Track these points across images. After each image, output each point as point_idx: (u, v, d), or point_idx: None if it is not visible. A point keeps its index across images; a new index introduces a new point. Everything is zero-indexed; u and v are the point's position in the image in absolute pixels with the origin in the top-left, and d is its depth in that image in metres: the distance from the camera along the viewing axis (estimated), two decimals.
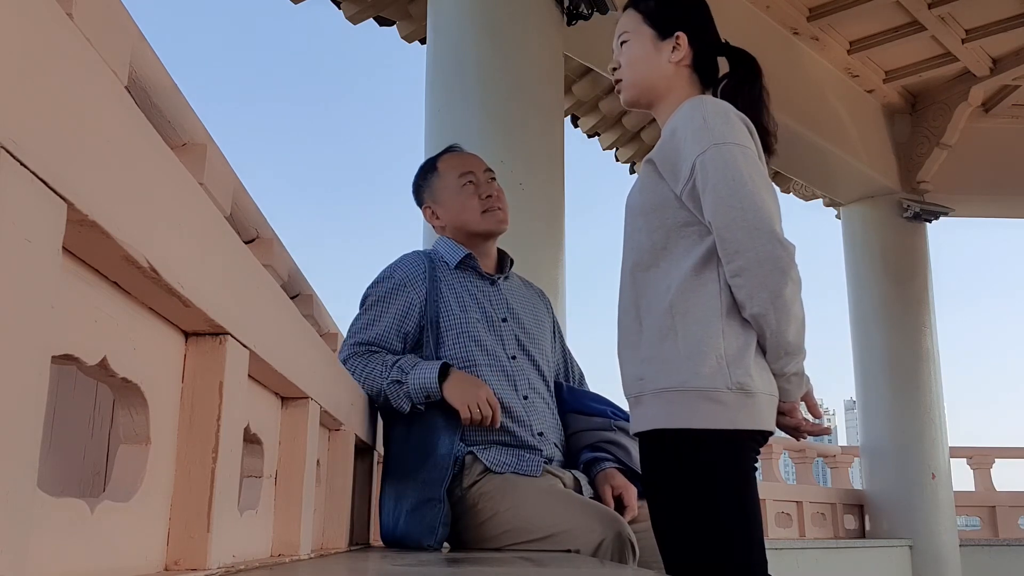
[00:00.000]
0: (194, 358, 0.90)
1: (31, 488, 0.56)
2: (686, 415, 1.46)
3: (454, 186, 2.13)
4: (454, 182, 2.13)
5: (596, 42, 4.84)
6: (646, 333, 1.54)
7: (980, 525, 7.71)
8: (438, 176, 2.16)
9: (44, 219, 0.55)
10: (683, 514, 1.49)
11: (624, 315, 1.60)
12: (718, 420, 1.45)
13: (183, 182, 0.78)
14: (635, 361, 1.56)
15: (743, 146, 1.51)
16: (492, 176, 2.16)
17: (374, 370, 1.93)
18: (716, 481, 1.47)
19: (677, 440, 1.48)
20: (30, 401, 0.55)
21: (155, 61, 1.15)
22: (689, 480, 1.48)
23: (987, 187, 7.39)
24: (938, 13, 5.94)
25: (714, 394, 1.45)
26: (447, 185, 2.14)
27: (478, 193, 2.11)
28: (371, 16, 5.59)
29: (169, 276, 0.73)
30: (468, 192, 2.11)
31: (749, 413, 1.46)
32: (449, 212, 2.13)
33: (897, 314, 7.00)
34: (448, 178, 2.15)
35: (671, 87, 1.68)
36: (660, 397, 1.49)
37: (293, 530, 1.28)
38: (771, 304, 1.45)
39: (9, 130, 0.50)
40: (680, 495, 1.49)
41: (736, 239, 1.45)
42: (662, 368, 1.50)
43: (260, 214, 2.03)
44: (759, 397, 1.47)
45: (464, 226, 2.12)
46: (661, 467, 1.52)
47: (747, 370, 1.47)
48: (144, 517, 0.81)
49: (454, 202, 2.12)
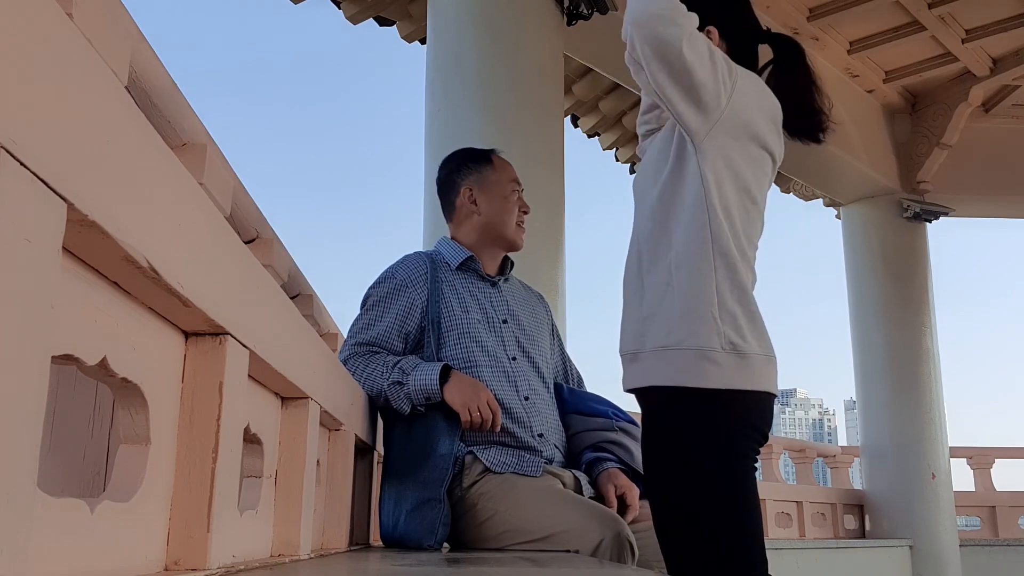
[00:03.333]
0: (194, 358, 0.90)
1: (31, 488, 0.56)
2: (685, 373, 1.50)
3: (506, 187, 2.16)
4: (507, 184, 2.16)
5: (596, 42, 4.85)
6: (647, 291, 1.59)
7: (980, 525, 7.71)
8: (493, 170, 2.17)
9: (44, 219, 0.55)
10: (679, 468, 1.53)
11: (629, 275, 1.66)
12: (715, 380, 1.49)
13: (183, 182, 0.78)
14: (636, 320, 1.61)
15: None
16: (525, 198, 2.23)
17: (375, 371, 1.94)
18: (711, 438, 1.51)
19: (676, 396, 1.51)
20: (30, 401, 0.55)
21: (155, 61, 1.15)
22: (685, 435, 1.52)
23: (987, 187, 7.38)
24: (938, 13, 5.94)
25: (711, 354, 1.49)
26: (500, 182, 2.16)
27: (520, 205, 2.16)
28: (371, 16, 5.59)
29: (169, 276, 0.73)
30: (513, 200, 2.16)
31: (744, 374, 1.50)
32: (492, 208, 2.13)
33: (897, 314, 7.00)
34: (503, 176, 2.17)
35: None
36: (659, 355, 1.54)
37: (293, 530, 1.28)
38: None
39: (9, 130, 0.50)
40: (676, 449, 1.54)
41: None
42: (662, 326, 1.54)
43: (260, 214, 2.03)
44: (752, 358, 1.51)
45: (499, 227, 2.13)
46: (660, 422, 1.57)
47: (740, 330, 1.52)
48: (144, 517, 0.81)
49: (501, 202, 2.14)
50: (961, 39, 6.24)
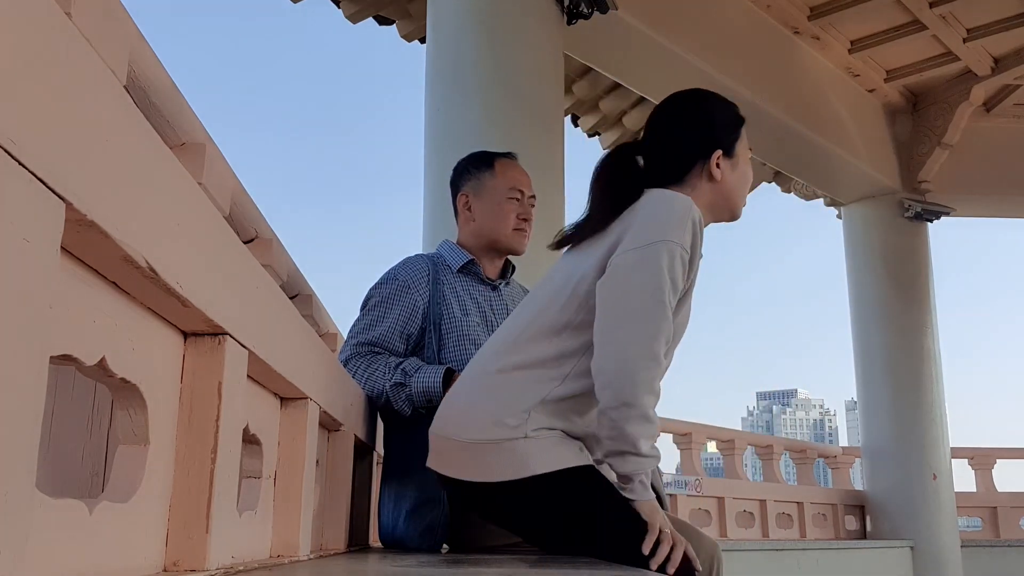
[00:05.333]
0: (193, 358, 0.90)
1: (30, 489, 0.55)
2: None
3: (502, 194, 2.13)
4: (503, 190, 2.14)
5: (596, 42, 4.85)
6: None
7: (981, 526, 7.70)
8: (492, 175, 2.16)
9: (43, 219, 0.55)
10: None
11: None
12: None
13: (182, 182, 0.78)
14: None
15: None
16: (533, 203, 2.18)
17: (376, 371, 1.93)
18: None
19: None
20: (29, 401, 0.54)
21: (154, 61, 1.15)
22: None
23: (988, 187, 7.38)
24: (939, 12, 5.94)
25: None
26: (496, 188, 2.14)
27: (518, 211, 2.13)
28: (371, 15, 5.59)
29: (168, 276, 0.73)
30: (510, 206, 2.13)
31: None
32: (485, 214, 2.13)
33: (897, 314, 7.00)
34: (500, 183, 2.15)
35: None
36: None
37: (292, 531, 1.28)
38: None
39: (8, 130, 0.49)
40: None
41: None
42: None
43: (259, 214, 2.03)
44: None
45: (493, 234, 2.13)
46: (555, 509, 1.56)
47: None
48: (143, 518, 0.80)
49: (495, 209, 2.13)
50: (962, 38, 6.24)
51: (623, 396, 1.46)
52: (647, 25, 4.94)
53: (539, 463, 1.50)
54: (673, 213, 1.55)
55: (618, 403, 1.46)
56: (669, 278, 1.51)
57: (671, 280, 1.52)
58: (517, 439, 1.50)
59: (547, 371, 1.56)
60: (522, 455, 1.50)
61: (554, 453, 1.52)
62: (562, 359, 1.56)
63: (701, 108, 1.75)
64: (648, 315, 1.49)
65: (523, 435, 1.51)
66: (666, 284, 1.50)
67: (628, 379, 1.46)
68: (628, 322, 1.49)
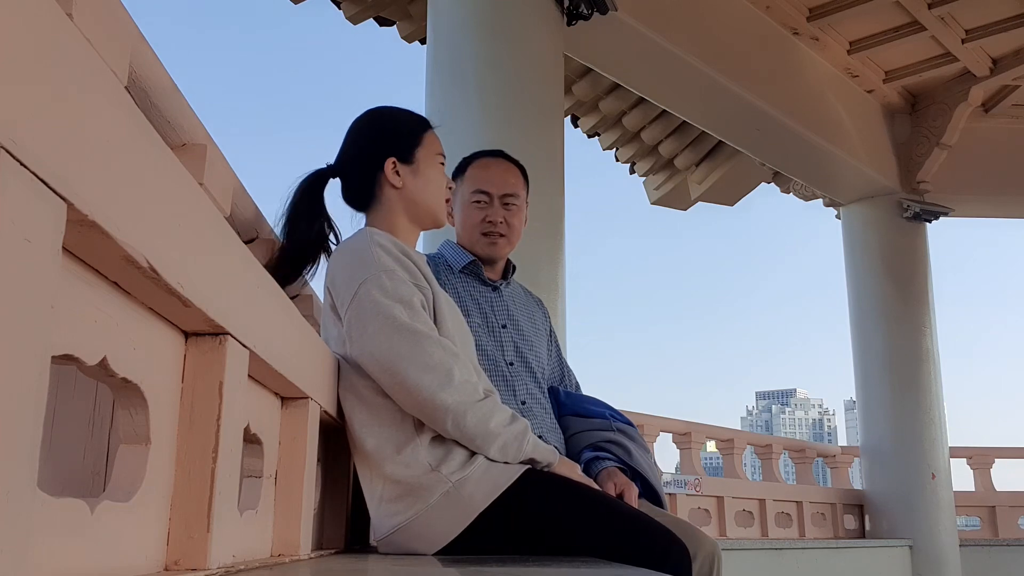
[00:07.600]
0: (194, 358, 0.90)
1: (31, 488, 0.56)
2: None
3: (466, 199, 2.14)
4: (468, 195, 2.14)
5: (596, 42, 4.85)
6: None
7: (980, 525, 7.70)
8: (462, 180, 2.17)
9: (44, 219, 0.55)
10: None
11: None
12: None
13: (183, 182, 0.78)
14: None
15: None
16: (508, 202, 2.13)
17: None
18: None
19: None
20: (30, 401, 0.55)
21: (155, 61, 1.15)
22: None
23: (987, 187, 7.39)
24: (938, 13, 5.94)
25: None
26: (461, 193, 2.16)
27: (484, 215, 2.10)
28: (371, 16, 5.59)
29: (169, 276, 0.73)
30: (474, 210, 2.12)
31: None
32: (456, 220, 2.15)
33: (897, 314, 7.00)
34: (465, 187, 2.15)
35: None
36: None
37: (293, 530, 1.28)
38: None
39: (9, 130, 0.50)
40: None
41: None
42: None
43: (260, 214, 2.03)
44: None
45: (460, 240, 2.16)
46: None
47: None
48: (144, 517, 0.81)
49: (460, 214, 2.15)
50: (961, 39, 6.25)
51: (439, 422, 1.52)
52: (647, 26, 4.94)
53: (481, 497, 1.53)
54: (354, 255, 1.61)
55: (442, 427, 1.52)
56: (394, 300, 1.54)
57: (398, 299, 1.54)
58: (448, 489, 1.53)
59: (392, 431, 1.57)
60: (466, 497, 1.53)
61: (486, 481, 1.54)
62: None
63: (372, 124, 1.80)
64: (403, 346, 1.51)
65: (450, 483, 1.53)
66: (394, 308, 1.53)
67: (430, 406, 1.50)
68: (393, 366, 1.51)
